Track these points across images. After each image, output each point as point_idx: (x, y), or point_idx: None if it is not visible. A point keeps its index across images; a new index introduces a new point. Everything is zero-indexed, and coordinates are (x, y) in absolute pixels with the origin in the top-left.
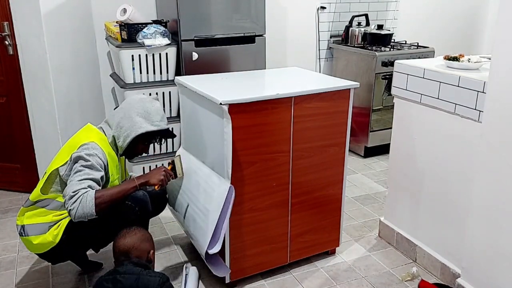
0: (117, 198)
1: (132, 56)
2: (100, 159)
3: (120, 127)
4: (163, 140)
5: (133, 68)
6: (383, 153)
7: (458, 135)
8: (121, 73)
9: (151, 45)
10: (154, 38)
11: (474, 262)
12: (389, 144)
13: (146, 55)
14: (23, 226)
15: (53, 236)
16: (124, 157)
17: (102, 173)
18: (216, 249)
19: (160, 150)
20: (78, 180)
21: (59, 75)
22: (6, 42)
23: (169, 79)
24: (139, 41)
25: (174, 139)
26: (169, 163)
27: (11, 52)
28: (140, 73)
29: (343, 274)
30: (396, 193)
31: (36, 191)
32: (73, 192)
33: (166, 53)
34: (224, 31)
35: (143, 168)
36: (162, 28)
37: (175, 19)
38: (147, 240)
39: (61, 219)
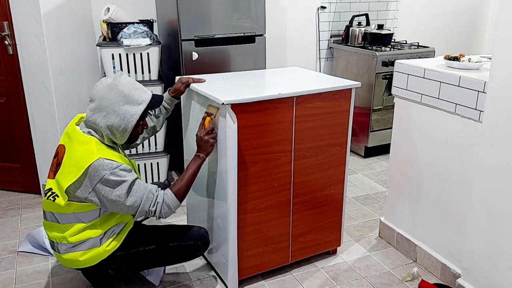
0: (192, 181)
1: (112, 55)
2: (122, 167)
3: (110, 126)
4: (154, 110)
5: (114, 67)
6: (383, 153)
7: (458, 135)
8: (102, 72)
9: (129, 45)
10: (133, 38)
11: (474, 262)
12: (389, 144)
13: (127, 54)
14: (65, 244)
15: (108, 244)
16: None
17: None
18: None
19: (155, 148)
20: (143, 198)
21: (59, 75)
22: (6, 42)
23: (152, 79)
24: (118, 40)
25: (174, 138)
26: (205, 117)
27: (11, 52)
28: (121, 70)
29: (344, 274)
30: (396, 193)
31: (64, 209)
32: (153, 207)
33: (148, 53)
34: (224, 31)
35: (138, 165)
36: (144, 28)
37: (175, 19)
38: None
39: (112, 227)
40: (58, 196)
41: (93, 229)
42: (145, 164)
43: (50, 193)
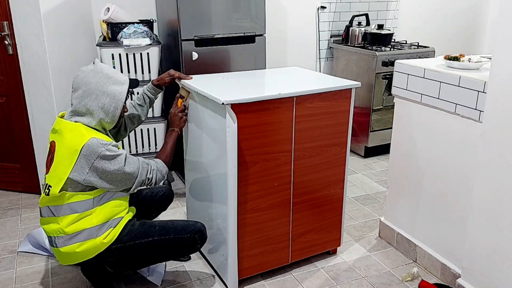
0: (173, 150)
1: (112, 55)
2: (113, 144)
3: (102, 107)
4: (132, 91)
5: (114, 67)
6: (383, 153)
7: (458, 135)
8: None
9: (129, 45)
10: (133, 38)
11: (474, 262)
12: (389, 144)
13: (127, 54)
14: (62, 237)
15: (105, 236)
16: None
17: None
18: None
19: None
20: (140, 167)
21: (58, 75)
22: (6, 42)
23: (152, 79)
24: (118, 40)
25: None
26: (178, 97)
27: (11, 52)
28: (121, 72)
29: (343, 274)
30: (396, 193)
31: (59, 200)
32: (150, 174)
33: (148, 53)
34: (224, 31)
35: None
36: (143, 28)
37: (175, 19)
38: None
39: (111, 219)
40: (51, 187)
41: (89, 220)
42: None
43: (46, 187)
